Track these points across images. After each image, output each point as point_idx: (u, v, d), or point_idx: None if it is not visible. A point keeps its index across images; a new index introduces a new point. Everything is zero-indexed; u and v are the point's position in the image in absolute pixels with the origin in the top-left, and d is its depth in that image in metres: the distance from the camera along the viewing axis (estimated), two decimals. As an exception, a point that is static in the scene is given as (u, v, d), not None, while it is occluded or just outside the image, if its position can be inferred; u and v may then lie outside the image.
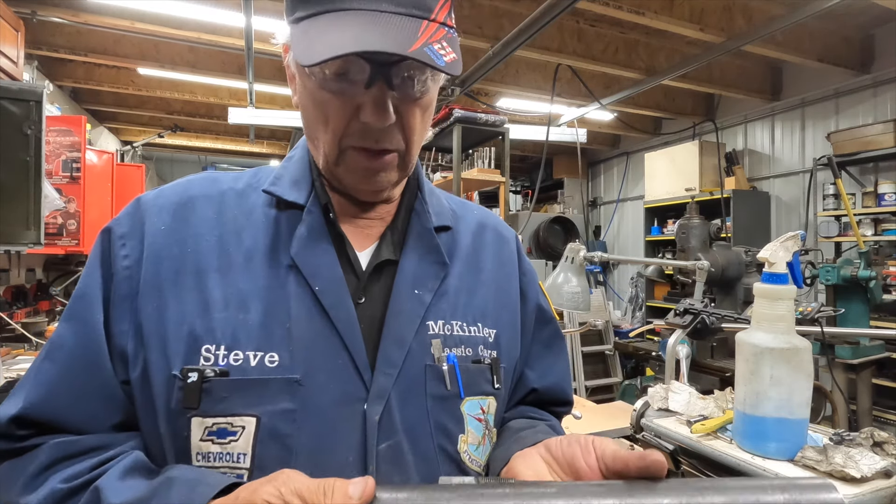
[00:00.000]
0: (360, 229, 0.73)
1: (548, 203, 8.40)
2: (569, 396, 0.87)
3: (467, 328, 0.72)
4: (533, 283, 0.85)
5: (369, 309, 0.67)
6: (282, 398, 0.59)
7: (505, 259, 0.82)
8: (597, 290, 5.45)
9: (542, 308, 0.85)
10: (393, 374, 0.64)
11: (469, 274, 0.76)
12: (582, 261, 1.74)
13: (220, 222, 0.68)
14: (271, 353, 0.60)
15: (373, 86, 0.61)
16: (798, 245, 0.97)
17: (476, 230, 0.82)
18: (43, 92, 2.73)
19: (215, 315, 0.61)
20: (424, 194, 0.77)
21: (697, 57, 4.30)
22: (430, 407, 0.66)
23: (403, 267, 0.70)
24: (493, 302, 0.76)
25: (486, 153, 3.68)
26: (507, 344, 0.76)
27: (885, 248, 4.29)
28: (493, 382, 0.71)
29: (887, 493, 0.77)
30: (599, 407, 1.96)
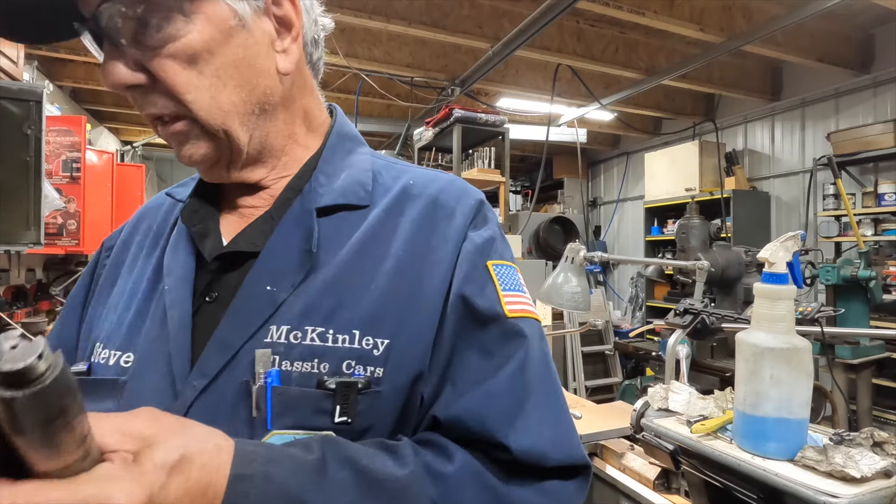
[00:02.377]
0: (241, 218, 0.65)
1: (548, 203, 8.40)
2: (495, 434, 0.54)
3: (332, 336, 0.55)
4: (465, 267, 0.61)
5: (219, 308, 0.58)
6: (106, 400, 0.58)
7: (435, 241, 0.61)
8: (597, 290, 5.45)
9: (469, 301, 0.59)
10: (199, 386, 0.54)
11: (361, 264, 0.59)
12: (582, 261, 1.74)
13: (154, 228, 0.70)
14: (128, 353, 0.60)
15: (102, 46, 0.54)
16: (798, 245, 0.97)
17: (392, 204, 0.64)
18: (43, 92, 2.73)
19: (110, 315, 0.64)
20: (321, 171, 0.64)
21: (697, 57, 4.30)
22: (231, 432, 0.48)
23: (263, 258, 0.59)
24: (395, 301, 0.58)
25: (486, 153, 3.69)
26: (403, 359, 0.56)
27: (885, 248, 4.29)
28: (332, 414, 0.53)
29: (887, 493, 0.77)
30: (599, 407, 1.96)
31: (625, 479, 1.50)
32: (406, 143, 4.67)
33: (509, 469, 0.55)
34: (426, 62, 4.68)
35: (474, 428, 0.55)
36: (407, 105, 4.99)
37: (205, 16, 0.54)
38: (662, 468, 1.41)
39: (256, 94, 0.59)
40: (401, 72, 4.64)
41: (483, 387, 0.56)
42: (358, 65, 4.46)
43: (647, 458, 1.44)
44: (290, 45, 0.61)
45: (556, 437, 0.57)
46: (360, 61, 4.44)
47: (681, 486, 1.38)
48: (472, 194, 0.67)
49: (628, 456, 1.54)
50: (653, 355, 3.58)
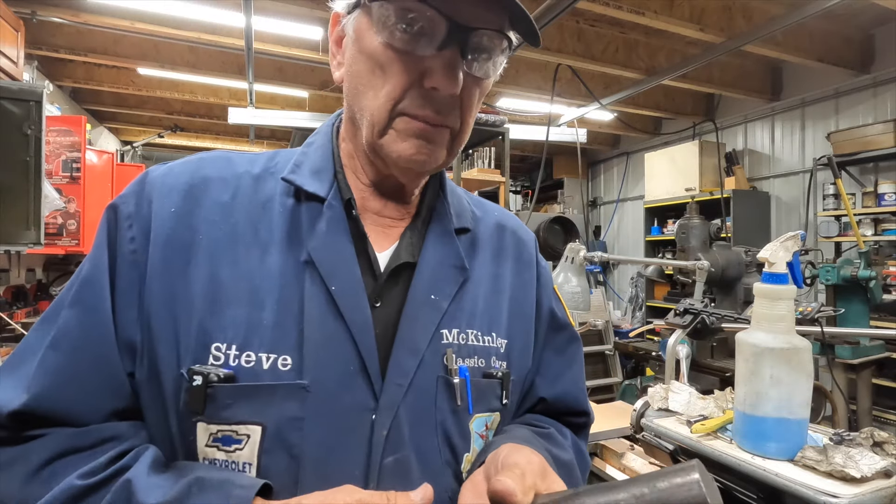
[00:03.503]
0: (380, 228, 0.68)
1: (548, 203, 8.40)
2: (582, 406, 0.81)
3: (482, 337, 0.68)
4: (547, 288, 0.81)
5: (384, 313, 0.62)
6: (289, 405, 0.55)
7: (523, 264, 0.78)
8: (597, 290, 5.44)
9: (555, 313, 0.80)
10: (404, 384, 0.60)
11: (487, 279, 0.72)
12: (582, 261, 1.75)
13: (235, 209, 0.62)
14: (284, 355, 0.56)
15: (445, 49, 0.57)
16: (798, 245, 0.97)
17: (495, 233, 0.77)
18: (43, 92, 2.73)
19: (227, 311, 0.57)
20: (447, 194, 0.73)
21: (697, 57, 4.30)
22: (440, 421, 0.62)
23: (421, 270, 0.65)
24: (508, 309, 0.73)
25: (486, 153, 3.68)
26: (519, 354, 0.72)
27: (885, 248, 4.29)
28: (501, 398, 0.67)
29: (887, 493, 0.77)
30: (599, 407, 1.96)
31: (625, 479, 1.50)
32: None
33: (578, 428, 0.81)
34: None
35: (571, 402, 0.79)
36: (407, 105, 4.99)
37: (500, 68, 0.64)
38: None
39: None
40: (401, 72, 4.64)
41: (569, 374, 0.79)
42: (358, 65, 4.45)
43: (647, 458, 1.44)
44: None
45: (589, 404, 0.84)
46: (360, 61, 4.43)
47: (681, 486, 1.37)
48: (530, 231, 0.87)
49: (628, 456, 1.54)
50: (653, 355, 3.58)
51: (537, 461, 0.56)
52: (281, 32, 4.02)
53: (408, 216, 0.70)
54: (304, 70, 5.09)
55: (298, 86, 5.21)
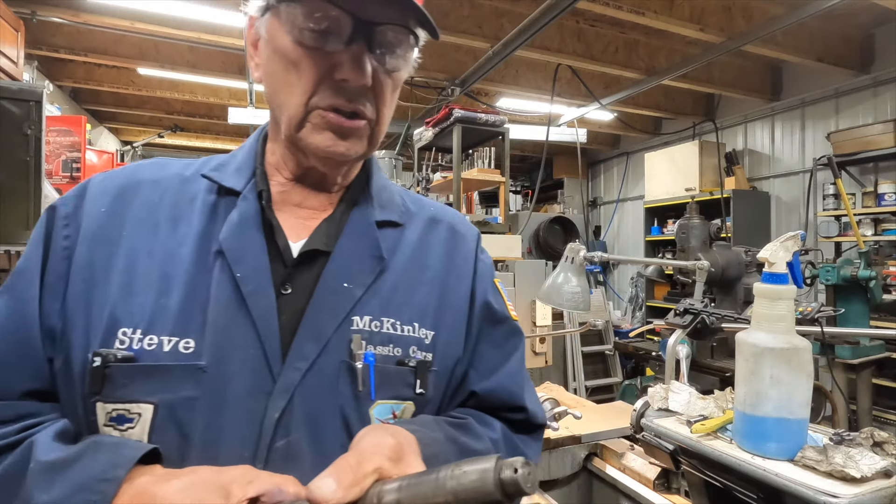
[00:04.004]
0: (300, 220, 0.71)
1: (548, 203, 8.40)
2: (518, 400, 0.77)
3: (401, 327, 0.68)
4: (484, 281, 0.80)
5: (295, 300, 0.65)
6: (184, 385, 0.58)
7: (459, 258, 0.78)
8: (597, 290, 5.45)
9: (491, 306, 0.79)
10: (303, 368, 0.61)
11: (412, 271, 0.73)
12: (582, 261, 1.74)
13: (160, 207, 0.67)
14: (187, 338, 0.59)
15: (353, 44, 0.62)
16: (798, 245, 0.97)
17: (426, 226, 0.78)
18: (43, 92, 2.73)
19: (137, 298, 0.61)
20: (372, 188, 0.75)
21: (697, 57, 4.30)
22: (339, 406, 0.63)
23: (335, 258, 0.68)
24: (437, 302, 0.73)
25: (486, 153, 3.68)
26: (446, 347, 0.72)
27: (885, 248, 4.29)
28: (414, 387, 0.67)
29: (887, 493, 0.77)
30: (599, 407, 1.96)
31: (625, 479, 1.50)
32: (406, 143, 4.67)
33: (519, 426, 0.78)
34: (426, 62, 4.68)
35: (505, 397, 0.76)
36: (407, 105, 4.99)
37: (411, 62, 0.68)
38: (662, 468, 1.41)
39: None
40: (401, 72, 4.64)
41: (505, 368, 0.77)
42: (358, 65, 4.45)
43: (647, 458, 1.44)
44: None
45: (538, 404, 0.82)
46: (360, 61, 4.43)
47: (681, 486, 1.38)
48: (473, 226, 0.87)
49: (628, 456, 1.54)
50: (653, 355, 3.57)
51: (390, 443, 0.54)
52: (281, 32, 4.01)
53: (330, 207, 0.73)
54: (304, 70, 5.08)
55: (298, 86, 5.19)
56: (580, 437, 1.63)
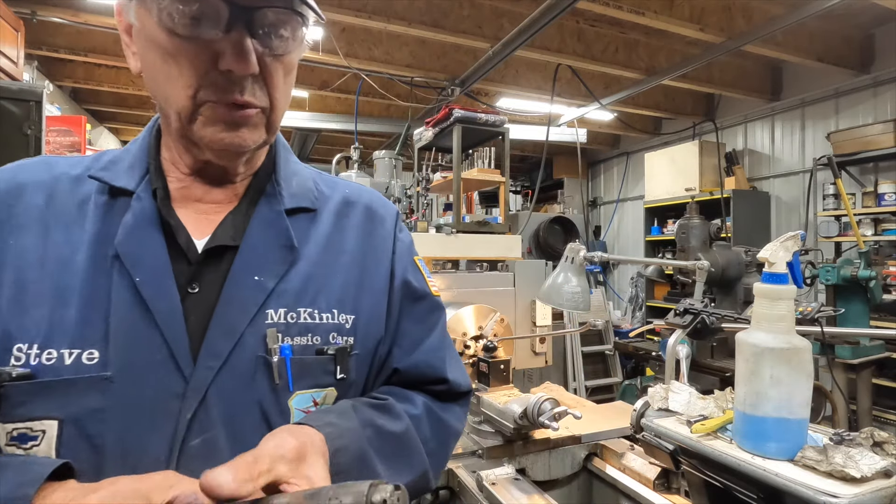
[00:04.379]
0: (202, 215, 0.68)
1: (548, 203, 8.40)
2: (440, 373, 0.79)
3: (319, 315, 0.68)
4: (403, 259, 0.80)
5: (204, 298, 0.63)
6: (90, 397, 0.57)
7: (376, 239, 0.78)
8: (597, 290, 5.45)
9: (410, 283, 0.79)
10: (215, 366, 0.61)
11: (327, 257, 0.72)
12: (582, 261, 1.74)
13: (48, 212, 0.63)
14: (90, 349, 0.58)
15: (232, 31, 0.58)
16: (798, 245, 0.97)
17: (339, 210, 0.77)
18: (43, 92, 2.73)
19: (31, 311, 0.58)
20: (279, 176, 0.73)
21: (697, 57, 4.30)
22: (257, 400, 0.63)
23: (243, 252, 0.66)
24: (355, 285, 0.73)
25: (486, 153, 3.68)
26: (367, 328, 0.72)
27: (885, 248, 4.29)
28: (335, 373, 0.68)
29: (887, 493, 0.77)
30: (599, 407, 1.96)
31: (625, 479, 1.50)
32: (406, 143, 4.67)
33: (443, 396, 0.80)
34: (426, 62, 4.68)
35: (426, 371, 0.78)
36: (407, 105, 4.99)
37: (301, 43, 0.65)
38: (662, 468, 1.40)
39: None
40: (401, 72, 4.64)
41: (426, 343, 0.79)
42: (358, 65, 4.46)
43: (647, 458, 1.44)
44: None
45: (462, 373, 0.83)
46: (360, 61, 4.44)
47: (681, 486, 1.37)
48: (392, 205, 0.86)
49: (628, 456, 1.54)
50: (653, 355, 3.58)
51: (291, 445, 0.54)
52: (281, 32, 4.01)
53: (235, 199, 0.71)
54: (303, 70, 5.09)
55: (298, 86, 5.20)
56: (580, 437, 1.63)
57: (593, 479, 1.63)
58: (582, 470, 1.64)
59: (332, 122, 5.70)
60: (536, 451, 1.57)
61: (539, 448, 1.57)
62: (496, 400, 1.58)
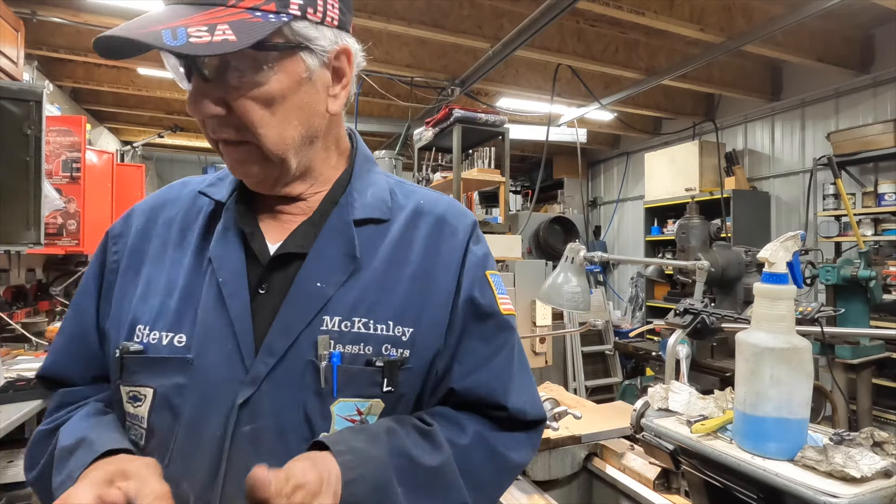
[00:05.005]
0: (280, 223, 0.76)
1: (548, 203, 8.40)
2: (501, 399, 0.75)
3: (374, 326, 0.70)
4: (471, 274, 0.78)
5: (271, 299, 0.70)
6: (176, 374, 0.68)
7: (444, 251, 0.77)
8: (597, 290, 5.45)
9: (475, 301, 0.76)
10: (271, 363, 0.67)
11: (390, 268, 0.73)
12: (582, 261, 1.74)
13: (178, 221, 0.78)
14: (180, 334, 0.69)
15: (191, 79, 0.65)
16: (798, 245, 0.97)
17: (409, 220, 0.78)
18: (43, 92, 2.73)
19: (150, 300, 0.72)
20: (353, 187, 0.78)
21: (697, 57, 4.30)
22: (303, 400, 0.67)
23: (310, 259, 0.71)
24: (419, 298, 0.73)
25: (486, 153, 3.68)
26: (424, 342, 0.72)
27: (885, 248, 4.29)
28: (382, 385, 0.69)
29: (887, 493, 0.77)
30: (599, 407, 1.96)
31: (625, 479, 1.50)
32: (406, 143, 4.67)
33: (503, 424, 0.76)
34: (426, 62, 4.68)
35: (483, 394, 0.75)
36: (407, 105, 4.99)
37: (284, 70, 0.66)
38: (662, 468, 1.41)
39: (310, 130, 0.72)
40: (401, 72, 4.64)
41: (488, 365, 0.76)
42: (358, 65, 4.45)
43: (647, 458, 1.44)
44: (340, 91, 0.74)
45: (531, 400, 0.79)
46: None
47: (681, 486, 1.38)
48: (469, 215, 0.84)
49: (628, 456, 1.54)
50: (653, 355, 3.57)
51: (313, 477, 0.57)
52: (281, 32, 4.02)
53: (310, 210, 0.77)
54: (304, 70, 5.09)
55: (298, 86, 5.20)
56: (580, 437, 1.63)
57: (593, 479, 1.63)
58: (582, 470, 1.64)
59: (332, 122, 5.69)
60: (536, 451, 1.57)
61: (539, 448, 1.57)
62: (496, 400, 1.58)
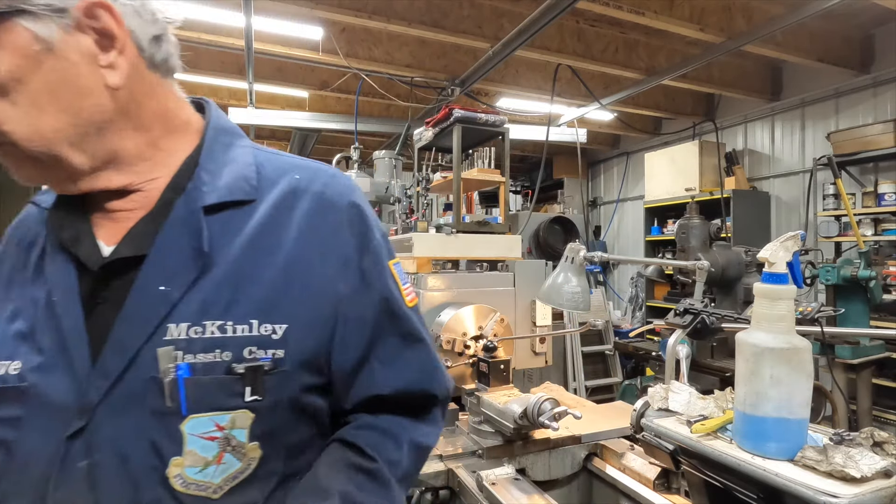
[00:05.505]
0: (116, 222, 0.65)
1: (548, 203, 8.40)
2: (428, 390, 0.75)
3: (232, 328, 0.60)
4: (378, 267, 0.70)
5: (110, 311, 0.60)
6: (11, 406, 0.60)
7: (327, 234, 0.67)
8: (597, 290, 5.45)
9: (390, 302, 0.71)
10: (104, 386, 0.58)
11: (254, 257, 0.63)
12: (582, 261, 1.74)
13: (26, 239, 0.69)
14: (16, 361, 0.61)
15: None
16: (798, 245, 0.97)
17: (282, 199, 0.67)
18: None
19: None
20: (203, 168, 0.65)
21: (697, 57, 4.30)
22: (147, 425, 0.58)
23: (151, 260, 0.61)
24: (293, 289, 0.64)
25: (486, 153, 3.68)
26: (304, 339, 0.64)
27: (885, 248, 4.29)
28: (244, 394, 0.60)
29: (887, 493, 0.77)
30: (599, 407, 1.96)
31: (625, 479, 1.50)
32: (406, 143, 4.67)
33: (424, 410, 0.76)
34: (426, 62, 4.68)
35: (416, 391, 0.73)
36: (407, 105, 4.99)
37: (1, 47, 0.53)
38: (662, 468, 1.41)
39: (85, 116, 0.58)
40: (401, 72, 4.64)
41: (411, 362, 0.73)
42: (358, 65, 4.46)
43: (647, 458, 1.44)
44: (116, 58, 0.59)
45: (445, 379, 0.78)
46: (360, 61, 4.44)
47: (681, 486, 1.37)
48: (355, 191, 0.73)
49: (628, 456, 1.54)
50: (653, 355, 3.58)
51: None
52: (281, 32, 4.01)
53: (149, 202, 0.65)
54: (303, 70, 5.09)
55: (298, 86, 5.21)
56: (580, 437, 1.63)
57: (593, 479, 1.63)
58: (582, 470, 1.64)
59: (332, 122, 5.70)
60: (536, 451, 1.57)
61: (539, 448, 1.57)
62: (496, 400, 1.58)
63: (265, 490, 0.64)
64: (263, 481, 0.64)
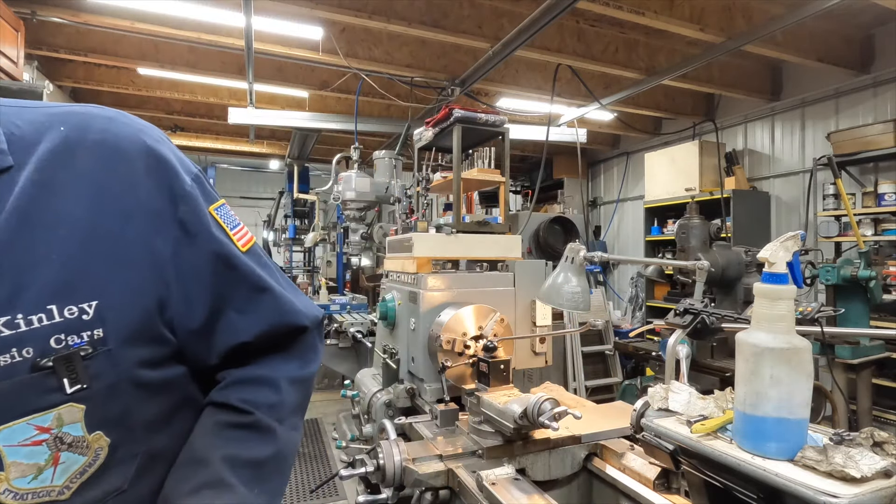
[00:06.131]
0: None
1: (548, 203, 8.40)
2: (297, 322, 0.72)
3: (25, 320, 0.52)
4: (197, 216, 0.63)
5: None
6: None
7: (118, 190, 0.57)
8: (597, 290, 5.45)
9: (221, 253, 0.65)
10: None
11: (27, 237, 0.53)
12: (582, 261, 1.74)
13: None
14: None
15: None
16: (798, 245, 0.97)
17: (51, 159, 0.55)
18: (43, 92, 2.73)
19: None
20: None
21: (697, 57, 4.30)
22: None
23: None
24: (94, 260, 0.55)
25: (486, 153, 3.68)
26: (126, 310, 0.57)
27: (885, 248, 4.29)
28: (63, 388, 0.53)
29: (887, 493, 0.77)
30: (599, 407, 1.96)
31: (625, 479, 1.50)
32: (406, 143, 4.67)
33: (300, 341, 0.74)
34: (426, 62, 4.68)
35: (281, 328, 0.71)
36: (407, 105, 4.99)
37: None
38: (662, 468, 1.40)
39: None
40: (401, 72, 4.64)
41: (269, 305, 0.70)
42: (358, 65, 4.46)
43: (647, 458, 1.44)
44: None
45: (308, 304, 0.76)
46: (360, 61, 4.44)
47: (681, 486, 1.37)
48: (144, 131, 0.64)
49: (628, 456, 1.54)
50: (653, 355, 3.58)
51: None
52: (281, 32, 4.02)
53: None
54: (303, 70, 5.09)
55: (298, 85, 5.21)
56: (580, 437, 1.63)
57: (593, 479, 1.63)
58: (582, 470, 1.64)
59: (332, 122, 5.71)
60: (536, 451, 1.57)
61: (539, 448, 1.57)
62: (496, 400, 1.58)
63: (126, 474, 0.60)
64: (121, 466, 0.59)
